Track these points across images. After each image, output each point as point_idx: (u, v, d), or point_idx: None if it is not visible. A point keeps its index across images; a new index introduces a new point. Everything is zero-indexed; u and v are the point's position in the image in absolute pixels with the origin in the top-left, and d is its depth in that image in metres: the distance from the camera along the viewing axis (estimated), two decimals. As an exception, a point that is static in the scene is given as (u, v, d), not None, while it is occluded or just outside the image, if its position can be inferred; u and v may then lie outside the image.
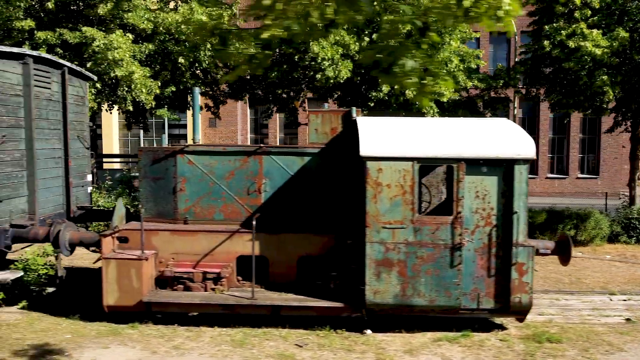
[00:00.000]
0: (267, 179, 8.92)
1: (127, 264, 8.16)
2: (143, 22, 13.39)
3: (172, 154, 8.97)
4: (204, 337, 7.80)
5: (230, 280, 8.62)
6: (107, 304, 8.20)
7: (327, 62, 12.72)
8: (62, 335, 7.83)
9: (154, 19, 13.64)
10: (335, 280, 8.31)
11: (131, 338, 7.72)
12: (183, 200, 8.97)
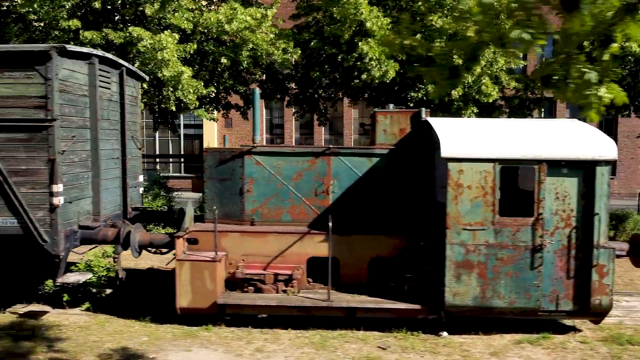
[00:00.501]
0: (335, 180, 8.87)
1: (201, 266, 8.10)
2: (183, 22, 13.31)
3: (239, 155, 8.92)
4: (281, 339, 7.74)
5: (300, 282, 8.56)
6: (180, 306, 8.13)
7: (374, 61, 12.67)
8: (138, 337, 7.76)
9: (192, 19, 13.56)
10: (411, 282, 8.26)
11: (209, 340, 7.66)
12: (250, 202, 8.92)
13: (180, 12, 12.84)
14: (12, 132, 7.91)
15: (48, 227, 8.00)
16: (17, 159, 7.94)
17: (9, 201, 7.95)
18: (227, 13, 13.33)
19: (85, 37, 12.14)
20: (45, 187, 7.97)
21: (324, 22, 14.82)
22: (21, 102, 7.88)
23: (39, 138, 7.91)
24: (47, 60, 7.77)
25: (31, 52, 7.77)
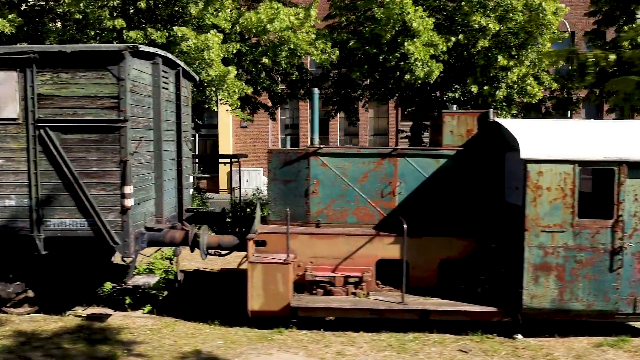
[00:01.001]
0: (401, 182, 8.80)
1: (274, 268, 8.02)
2: (222, 22, 13.22)
3: (305, 156, 8.84)
4: (357, 342, 7.67)
5: (369, 285, 8.49)
6: (252, 308, 8.04)
7: (419, 62, 12.61)
8: (213, 341, 7.68)
9: (230, 19, 13.47)
10: (484, 285, 8.20)
11: (286, 344, 7.58)
12: (315, 203, 8.84)
13: (223, 12, 12.74)
14: (83, 133, 7.83)
15: (119, 229, 7.91)
16: (88, 160, 7.85)
17: (80, 203, 7.86)
18: (268, 13, 13.23)
19: (130, 36, 12.03)
20: (116, 188, 7.87)
21: (361, 22, 14.75)
22: (93, 103, 7.78)
23: (110, 139, 7.82)
24: (120, 60, 7.68)
25: (104, 52, 7.67)
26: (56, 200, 7.90)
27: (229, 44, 13.02)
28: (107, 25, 12.12)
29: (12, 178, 7.89)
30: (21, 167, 7.88)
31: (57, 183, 7.87)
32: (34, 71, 7.72)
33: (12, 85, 7.79)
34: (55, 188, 7.88)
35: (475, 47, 13.13)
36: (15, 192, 7.90)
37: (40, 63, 7.72)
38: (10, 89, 7.80)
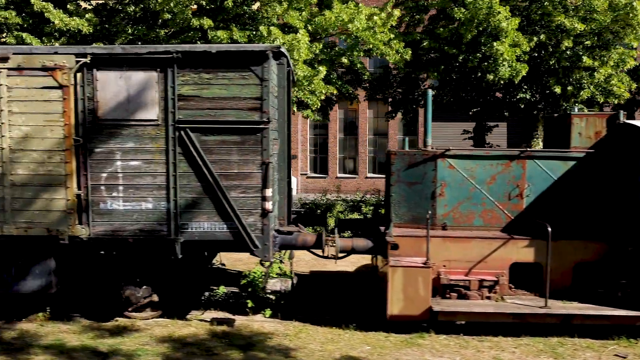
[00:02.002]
0: (529, 184, 8.70)
1: (415, 272, 7.90)
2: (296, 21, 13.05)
3: (431, 158, 8.73)
4: (506, 347, 7.57)
5: (503, 288, 8.38)
6: (392, 313, 7.93)
7: (506, 62, 12.52)
8: (359, 346, 7.55)
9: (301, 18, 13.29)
10: (625, 289, 8.10)
11: (436, 349, 7.47)
12: (442, 206, 8.74)
13: (306, 11, 12.60)
14: (224, 134, 7.69)
15: (259, 232, 7.78)
16: (229, 162, 7.71)
17: (220, 206, 7.73)
18: (348, 12, 13.09)
19: (218, 36, 11.87)
20: (257, 191, 7.74)
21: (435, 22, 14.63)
22: (235, 104, 7.65)
23: (252, 141, 7.69)
24: (264, 60, 7.54)
25: (249, 52, 7.53)
26: (195, 203, 7.76)
27: (312, 43, 12.87)
28: (195, 25, 11.96)
29: (149, 180, 7.75)
30: (159, 169, 7.73)
31: (197, 186, 7.73)
32: (175, 71, 7.57)
33: (153, 86, 7.64)
34: (194, 191, 7.74)
35: (559, 47, 13.05)
36: (152, 195, 7.76)
37: (182, 63, 7.57)
38: (150, 90, 7.65)
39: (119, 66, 7.60)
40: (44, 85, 7.62)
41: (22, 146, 7.69)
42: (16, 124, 7.67)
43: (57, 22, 12.90)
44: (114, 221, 7.80)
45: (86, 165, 7.73)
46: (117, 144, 7.71)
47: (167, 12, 11.79)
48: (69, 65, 7.55)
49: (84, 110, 7.67)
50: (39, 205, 7.73)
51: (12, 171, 7.71)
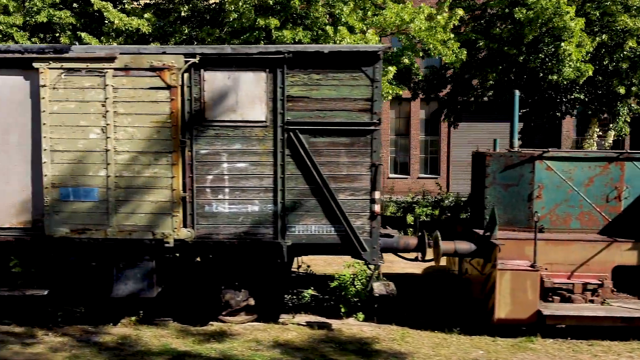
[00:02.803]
0: (628, 186, 8.62)
1: (523, 275, 7.81)
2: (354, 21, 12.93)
3: (529, 160, 8.63)
4: (616, 350, 7.50)
5: (605, 292, 8.29)
6: (499, 316, 7.82)
7: (571, 62, 12.46)
8: (473, 351, 7.45)
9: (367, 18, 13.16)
10: None
11: (551, 354, 7.38)
12: (539, 208, 8.63)
13: (371, 10, 12.48)
14: (333, 136, 7.57)
15: (368, 235, 7.67)
16: (337, 164, 7.60)
17: (328, 208, 7.61)
18: (409, 11, 12.97)
19: (284, 35, 11.74)
20: (366, 193, 7.63)
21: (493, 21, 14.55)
22: (345, 105, 7.53)
23: (362, 142, 7.57)
24: (375, 61, 7.43)
25: (360, 52, 7.41)
26: (302, 206, 7.63)
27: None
28: (260, 24, 11.82)
29: (256, 183, 7.62)
30: (266, 171, 7.61)
31: (304, 188, 7.61)
32: (285, 72, 7.45)
33: (261, 87, 7.52)
34: (302, 193, 7.62)
35: (624, 47, 13.00)
36: (259, 197, 7.63)
37: (291, 63, 7.45)
38: (258, 91, 7.52)
39: (228, 66, 7.47)
40: (151, 85, 7.48)
41: (128, 148, 7.55)
42: (122, 125, 7.53)
43: (117, 21, 12.74)
44: (219, 224, 7.67)
45: (192, 167, 7.59)
46: (224, 146, 7.58)
47: (234, 12, 11.64)
48: (178, 66, 7.42)
49: (191, 111, 7.54)
50: (143, 208, 7.60)
51: (116, 173, 7.57)
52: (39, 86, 7.52)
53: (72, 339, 7.56)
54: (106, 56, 7.43)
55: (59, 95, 7.53)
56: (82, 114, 7.53)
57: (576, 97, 14.57)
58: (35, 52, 7.47)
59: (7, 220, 7.76)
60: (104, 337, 7.70)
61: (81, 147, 7.56)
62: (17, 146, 7.68)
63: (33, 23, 13.98)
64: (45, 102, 7.51)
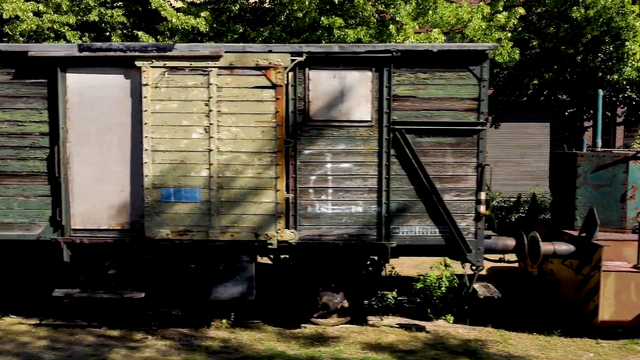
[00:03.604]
0: None
1: (627, 277, 7.72)
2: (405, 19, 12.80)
3: (623, 160, 8.56)
4: None
5: None
6: (602, 318, 7.73)
7: (634, 62, 12.41)
8: (582, 353, 7.37)
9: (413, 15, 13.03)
10: None
11: (662, 356, 7.31)
12: (632, 209, 8.55)
13: (432, 9, 12.38)
14: (439, 136, 7.47)
15: (473, 236, 7.58)
16: (443, 164, 7.50)
17: (433, 209, 7.51)
18: (466, 10, 12.86)
19: (347, 34, 11.63)
20: (471, 194, 7.54)
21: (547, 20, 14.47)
22: (451, 104, 7.44)
23: (468, 142, 7.47)
24: (483, 60, 7.34)
25: (469, 51, 7.32)
26: (407, 207, 7.53)
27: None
28: (324, 23, 11.70)
29: (360, 183, 7.52)
30: (370, 171, 7.50)
31: (409, 188, 7.51)
32: (391, 71, 7.35)
33: (367, 86, 7.41)
34: (407, 194, 7.52)
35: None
36: (363, 198, 7.52)
37: (398, 62, 7.35)
38: (364, 90, 7.42)
39: (334, 65, 7.36)
40: (255, 84, 7.36)
41: (231, 148, 7.43)
42: (225, 125, 7.41)
43: (175, 20, 12.60)
44: (322, 225, 7.56)
45: (295, 167, 7.48)
46: (328, 146, 7.47)
47: (299, 11, 11.54)
48: (284, 65, 7.30)
49: (295, 111, 7.43)
50: (246, 209, 7.48)
51: (219, 174, 7.45)
52: (141, 85, 7.39)
53: (175, 342, 7.44)
54: (211, 54, 7.31)
55: (161, 94, 7.40)
56: (185, 113, 7.40)
57: (629, 95, 14.50)
58: (137, 50, 7.34)
59: (105, 221, 7.63)
60: (205, 340, 7.58)
61: (183, 147, 7.44)
62: (117, 146, 7.55)
63: (84, 21, 13.81)
64: (147, 102, 7.38)
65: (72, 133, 7.53)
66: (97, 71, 7.47)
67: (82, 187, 7.60)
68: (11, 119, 7.57)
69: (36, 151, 7.58)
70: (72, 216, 7.61)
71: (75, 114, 7.52)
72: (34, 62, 7.42)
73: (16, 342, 7.35)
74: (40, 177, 7.60)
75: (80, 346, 7.23)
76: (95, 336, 7.69)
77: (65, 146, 7.52)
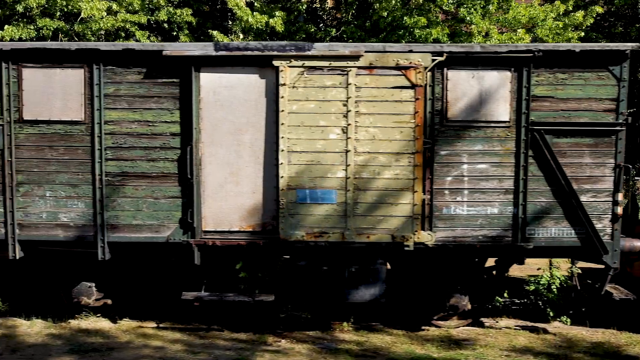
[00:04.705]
0: None
1: None
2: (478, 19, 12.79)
3: None
4: None
5: None
6: None
7: None
8: None
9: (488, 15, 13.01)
10: None
11: None
12: None
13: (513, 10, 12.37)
14: (577, 136, 7.41)
15: (609, 238, 7.51)
16: (580, 165, 7.43)
17: (570, 210, 7.44)
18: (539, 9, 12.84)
19: (431, 33, 11.60)
20: (608, 195, 7.48)
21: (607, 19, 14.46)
22: (589, 105, 7.38)
23: (606, 143, 7.41)
24: (623, 60, 7.29)
25: (608, 51, 7.27)
26: (543, 208, 7.46)
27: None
28: (407, 23, 11.64)
29: (496, 184, 7.45)
30: (507, 172, 7.43)
31: (545, 190, 7.44)
32: (530, 71, 7.28)
33: (506, 86, 7.34)
34: (543, 195, 7.45)
35: None
36: (499, 199, 7.45)
37: (538, 62, 7.28)
38: (503, 90, 7.35)
39: (473, 65, 7.28)
40: (395, 84, 7.28)
41: (369, 148, 7.34)
42: (363, 126, 7.32)
43: (251, 19, 12.52)
44: (456, 227, 7.48)
45: (431, 168, 7.40)
46: (464, 147, 7.40)
47: (384, 10, 11.49)
48: (424, 64, 7.22)
49: (432, 111, 7.35)
50: (383, 211, 7.39)
51: (355, 175, 7.36)
52: (277, 85, 7.29)
53: (312, 346, 7.34)
54: (350, 54, 7.21)
55: (298, 94, 7.31)
56: (322, 113, 7.31)
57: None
58: (275, 50, 7.24)
59: (237, 223, 7.53)
60: (339, 343, 7.49)
61: (320, 147, 7.34)
62: (250, 146, 7.45)
63: (153, 21, 13.72)
64: (284, 102, 7.28)
65: (205, 134, 7.42)
66: (231, 71, 7.37)
67: (213, 189, 7.49)
68: (141, 119, 7.45)
69: (167, 152, 7.47)
70: (203, 218, 7.50)
71: (208, 114, 7.41)
72: (168, 62, 7.31)
73: (150, 346, 7.23)
74: (171, 178, 7.48)
75: (219, 350, 7.11)
76: (224, 339, 7.58)
77: (198, 147, 7.41)
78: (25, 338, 7.49)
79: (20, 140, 7.52)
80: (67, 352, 6.97)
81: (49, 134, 7.50)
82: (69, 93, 7.44)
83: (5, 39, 11.96)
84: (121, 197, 7.51)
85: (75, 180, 7.52)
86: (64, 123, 7.47)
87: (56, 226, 7.57)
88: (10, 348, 7.10)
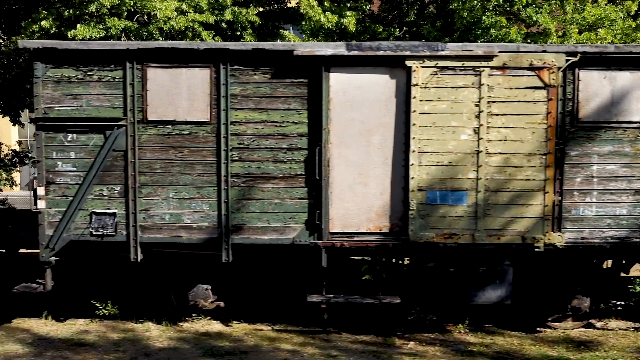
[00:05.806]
0: None
1: None
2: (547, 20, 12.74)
3: None
4: None
5: None
6: None
7: None
8: None
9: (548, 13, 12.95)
10: None
11: None
12: None
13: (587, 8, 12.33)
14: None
15: None
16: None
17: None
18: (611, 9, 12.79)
19: (509, 33, 11.56)
20: None
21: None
22: None
23: None
24: None
25: None
26: (673, 209, 7.44)
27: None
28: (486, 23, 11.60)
29: (625, 185, 7.42)
30: (636, 173, 7.41)
31: (676, 190, 7.42)
32: None
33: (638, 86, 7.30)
34: (672, 195, 7.43)
35: None
36: (628, 200, 7.42)
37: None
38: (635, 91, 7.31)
39: (605, 65, 7.25)
40: (527, 85, 7.23)
41: (500, 149, 7.29)
42: (495, 126, 7.27)
43: (323, 19, 12.43)
44: (584, 228, 7.44)
45: (561, 169, 7.36)
46: (595, 147, 7.36)
47: (465, 10, 11.45)
48: (558, 65, 7.18)
49: (563, 112, 7.31)
50: (513, 212, 7.34)
51: (487, 176, 7.31)
52: (409, 85, 7.23)
53: (443, 348, 7.28)
54: (484, 54, 7.16)
55: (430, 94, 7.24)
56: (454, 114, 7.25)
57: None
58: (408, 50, 7.18)
59: (364, 224, 7.46)
60: (466, 345, 7.43)
61: (451, 148, 7.28)
62: (378, 147, 7.38)
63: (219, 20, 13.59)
64: (415, 102, 7.22)
65: (334, 134, 7.35)
66: (361, 71, 7.30)
67: (340, 190, 7.42)
68: (268, 120, 7.37)
69: (294, 153, 7.38)
70: (330, 219, 7.42)
71: (337, 114, 7.34)
72: (297, 62, 7.23)
73: (282, 349, 7.14)
74: (297, 179, 7.40)
75: (354, 355, 7.03)
76: (349, 342, 7.51)
77: (327, 148, 7.33)
78: (150, 342, 7.39)
79: (143, 141, 7.41)
80: (202, 356, 6.88)
81: (173, 134, 7.40)
82: (194, 93, 7.35)
83: (77, 38, 11.80)
84: (247, 198, 7.42)
85: (200, 182, 7.43)
86: (189, 124, 7.38)
87: (179, 228, 7.48)
88: (142, 352, 7.00)
